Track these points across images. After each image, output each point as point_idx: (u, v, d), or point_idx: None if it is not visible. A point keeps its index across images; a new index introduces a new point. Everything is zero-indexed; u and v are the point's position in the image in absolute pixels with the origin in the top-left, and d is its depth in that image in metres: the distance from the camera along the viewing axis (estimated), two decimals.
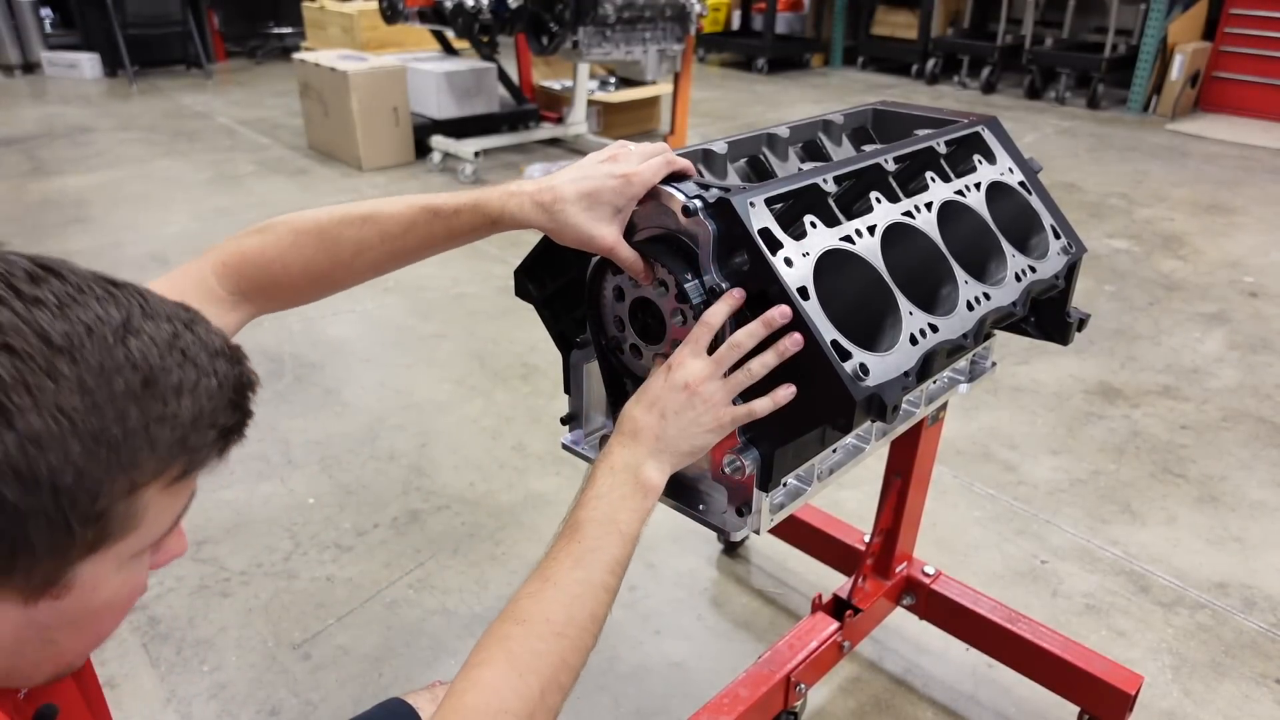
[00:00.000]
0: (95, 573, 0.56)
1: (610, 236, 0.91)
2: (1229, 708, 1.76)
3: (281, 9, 8.61)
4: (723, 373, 0.89)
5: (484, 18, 4.58)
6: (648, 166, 0.91)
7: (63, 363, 0.50)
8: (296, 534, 2.20)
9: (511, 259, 1.09)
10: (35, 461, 0.49)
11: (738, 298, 0.89)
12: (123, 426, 0.52)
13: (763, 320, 0.87)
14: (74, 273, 0.55)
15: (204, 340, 0.59)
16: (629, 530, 0.85)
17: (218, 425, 0.59)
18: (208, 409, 0.57)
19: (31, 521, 0.50)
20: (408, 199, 0.94)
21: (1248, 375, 3.02)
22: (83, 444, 0.51)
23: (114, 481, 0.53)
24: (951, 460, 2.51)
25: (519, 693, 0.74)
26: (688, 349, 0.90)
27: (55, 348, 0.50)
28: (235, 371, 0.60)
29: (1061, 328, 1.29)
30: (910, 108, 1.38)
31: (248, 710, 1.73)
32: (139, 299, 0.57)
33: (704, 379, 0.88)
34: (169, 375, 0.55)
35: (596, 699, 1.77)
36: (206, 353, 0.58)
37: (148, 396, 0.54)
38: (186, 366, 0.56)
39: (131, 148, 5.48)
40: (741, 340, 0.87)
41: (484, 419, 2.68)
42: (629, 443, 0.88)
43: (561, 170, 0.92)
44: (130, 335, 0.54)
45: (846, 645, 1.65)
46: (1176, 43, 6.55)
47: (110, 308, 0.54)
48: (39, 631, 0.57)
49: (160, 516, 0.58)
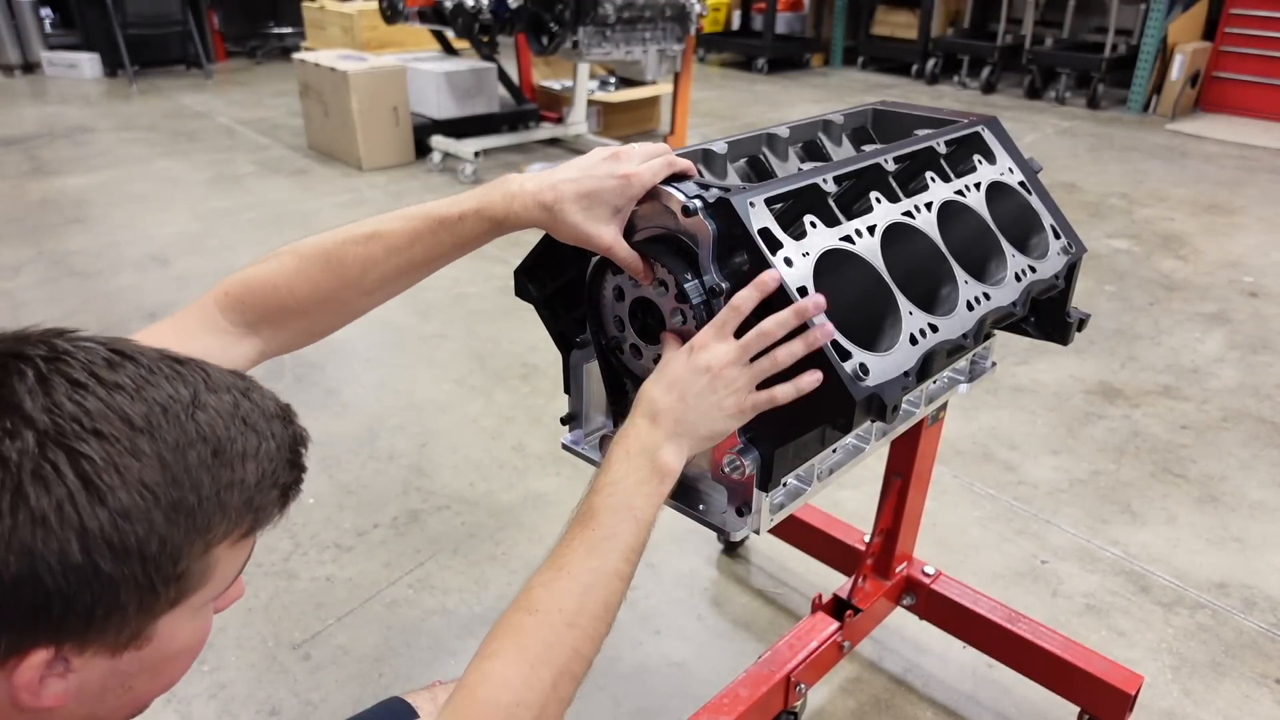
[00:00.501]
0: (172, 624, 0.61)
1: (608, 236, 0.91)
2: (1229, 708, 1.76)
3: (281, 9, 8.61)
4: (747, 359, 0.87)
5: (484, 18, 4.57)
6: (648, 167, 0.91)
7: (144, 442, 0.56)
8: (296, 534, 2.20)
9: (511, 259, 1.09)
10: (126, 534, 0.54)
11: (770, 284, 0.86)
12: (198, 495, 0.58)
13: (796, 310, 0.85)
14: (144, 354, 0.61)
15: (260, 406, 0.64)
16: (644, 516, 0.84)
17: (279, 485, 0.65)
18: (269, 470, 0.63)
19: (123, 587, 0.56)
20: (411, 211, 0.93)
21: (1248, 375, 3.02)
22: (165, 515, 0.56)
23: (192, 545, 0.59)
24: (951, 460, 2.51)
25: (532, 685, 0.74)
26: (712, 332, 0.88)
27: (136, 429, 0.56)
28: (290, 431, 0.67)
29: (1061, 328, 1.29)
30: (910, 108, 1.38)
31: (248, 710, 1.73)
32: (202, 374, 0.62)
33: (728, 363, 0.86)
34: (234, 444, 0.61)
35: (596, 699, 1.77)
36: (264, 418, 0.64)
37: (218, 465, 0.59)
38: (249, 434, 0.62)
39: (131, 148, 5.48)
40: (771, 329, 0.86)
41: (484, 419, 2.68)
42: (647, 425, 0.87)
43: (563, 167, 0.92)
44: (199, 410, 0.60)
45: (846, 645, 1.65)
46: (1176, 43, 6.55)
47: (179, 386, 0.60)
48: (121, 680, 0.62)
49: (229, 569, 0.64)
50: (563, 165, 0.93)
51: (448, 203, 0.92)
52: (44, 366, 0.56)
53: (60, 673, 0.58)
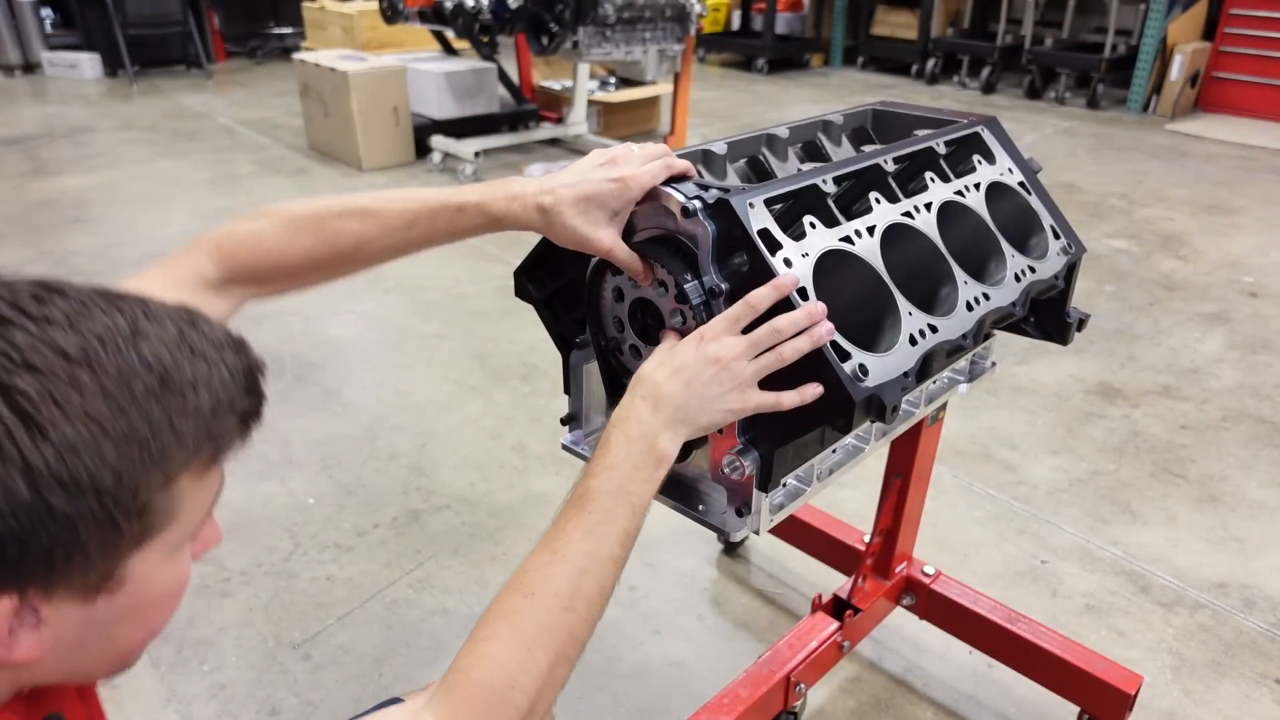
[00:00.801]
0: (145, 566, 0.60)
1: (607, 239, 0.92)
2: (1229, 708, 1.77)
3: (281, 9, 8.61)
4: (755, 354, 0.87)
5: (484, 18, 4.57)
6: (646, 170, 0.91)
7: (83, 373, 0.54)
8: (296, 534, 2.20)
9: (511, 259, 1.09)
10: (75, 468, 0.52)
11: (789, 287, 0.87)
12: (149, 424, 0.56)
13: (808, 310, 0.86)
14: (75, 289, 0.58)
15: (209, 335, 0.62)
16: (640, 501, 0.84)
17: (236, 411, 0.62)
18: (224, 398, 0.60)
19: (81, 524, 0.54)
20: (410, 194, 0.94)
21: (1248, 375, 3.02)
22: (115, 446, 0.54)
23: (149, 475, 0.57)
24: (951, 460, 2.51)
25: (526, 668, 0.74)
26: (723, 324, 0.88)
27: (73, 360, 0.53)
28: (243, 360, 0.64)
29: (1061, 328, 1.29)
30: (910, 108, 1.38)
31: (248, 710, 1.74)
32: (140, 306, 0.59)
33: (737, 355, 0.86)
34: (182, 371, 0.58)
35: (596, 699, 1.77)
36: (213, 346, 0.61)
37: (166, 393, 0.57)
38: (197, 361, 0.59)
39: (131, 148, 5.48)
40: (783, 326, 0.86)
41: (484, 419, 2.68)
42: (648, 410, 0.86)
43: (562, 171, 0.93)
44: (140, 339, 0.57)
45: (846, 645, 1.65)
46: (1176, 43, 6.55)
47: (116, 317, 0.57)
48: (99, 629, 0.60)
49: (196, 504, 0.62)
50: (562, 170, 0.93)
51: (449, 192, 0.93)
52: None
53: (31, 624, 0.57)
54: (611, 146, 0.97)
